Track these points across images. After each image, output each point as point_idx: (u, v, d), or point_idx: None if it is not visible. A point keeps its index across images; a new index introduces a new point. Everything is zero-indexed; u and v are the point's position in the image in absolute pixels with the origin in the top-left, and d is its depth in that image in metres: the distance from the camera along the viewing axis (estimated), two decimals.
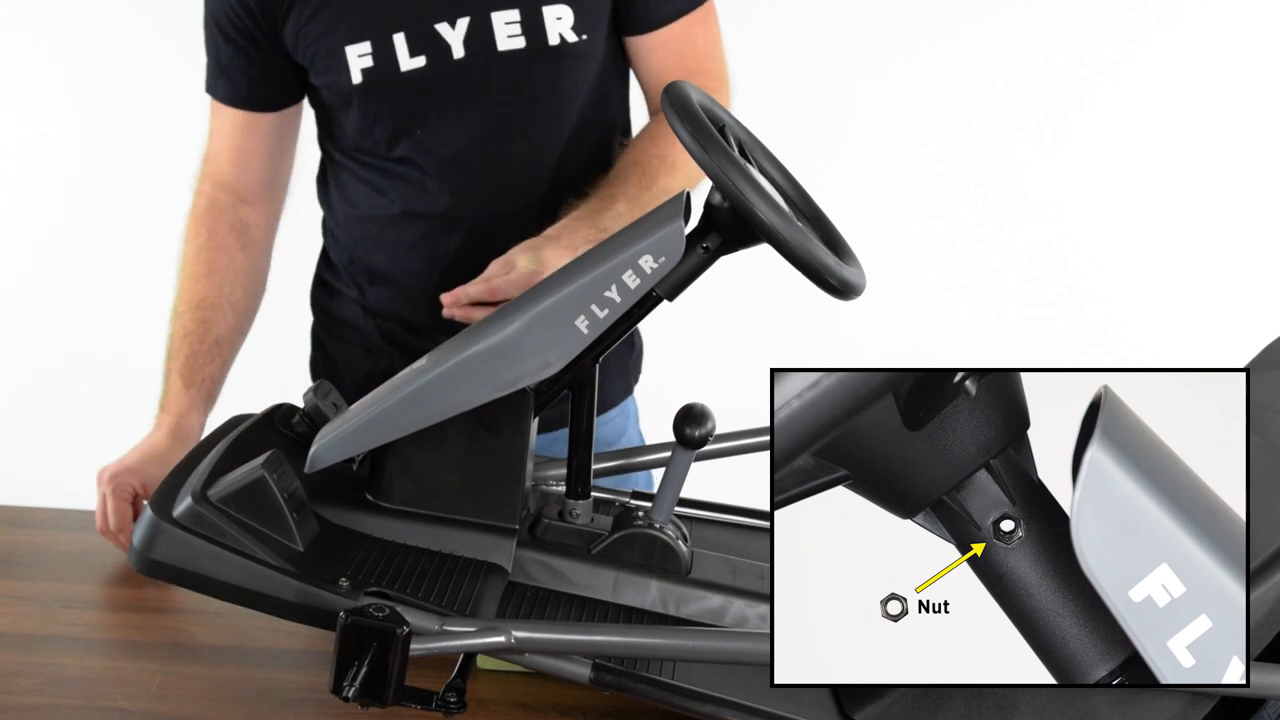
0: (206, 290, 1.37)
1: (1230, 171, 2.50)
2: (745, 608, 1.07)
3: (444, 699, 0.96)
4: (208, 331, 1.36)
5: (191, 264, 1.39)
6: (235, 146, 1.39)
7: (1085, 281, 2.57)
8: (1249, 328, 1.53)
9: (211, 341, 1.36)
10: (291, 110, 1.40)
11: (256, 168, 1.40)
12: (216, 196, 1.40)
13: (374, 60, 1.28)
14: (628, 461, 1.24)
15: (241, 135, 1.38)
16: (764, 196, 0.95)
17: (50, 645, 1.19)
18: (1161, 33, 2.44)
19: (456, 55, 1.28)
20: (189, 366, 1.36)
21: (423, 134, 1.32)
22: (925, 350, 2.48)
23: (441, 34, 1.27)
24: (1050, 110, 2.48)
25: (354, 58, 1.28)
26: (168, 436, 1.32)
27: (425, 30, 1.26)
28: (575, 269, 1.02)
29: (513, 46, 1.28)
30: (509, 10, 1.27)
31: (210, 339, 1.36)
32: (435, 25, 1.26)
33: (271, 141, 1.39)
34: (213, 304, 1.37)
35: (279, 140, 1.40)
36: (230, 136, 1.38)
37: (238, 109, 1.37)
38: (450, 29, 1.26)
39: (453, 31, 1.26)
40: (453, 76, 1.29)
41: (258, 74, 1.34)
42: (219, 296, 1.37)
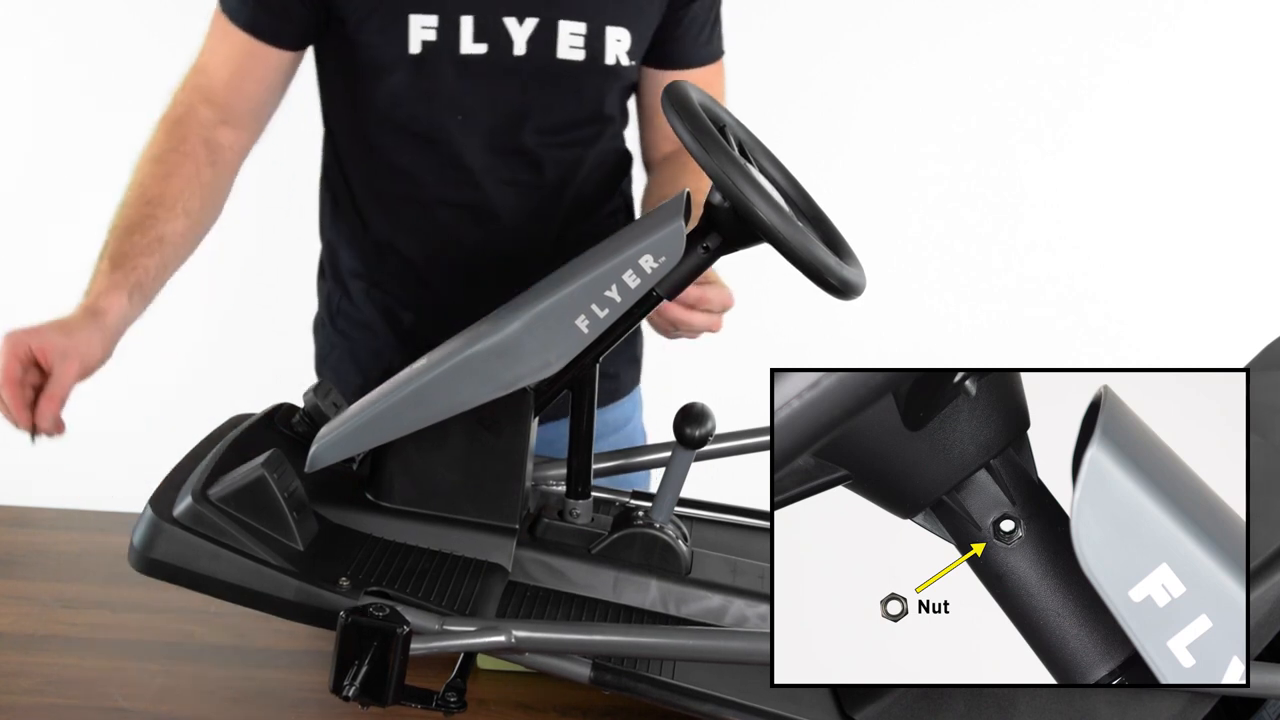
0: (164, 190, 1.28)
1: (1230, 171, 2.50)
2: (745, 607, 1.07)
3: (444, 698, 0.96)
4: (152, 227, 1.26)
5: (151, 163, 1.30)
6: (236, 70, 1.32)
7: (1085, 281, 2.57)
8: (1249, 328, 1.53)
9: (154, 237, 1.26)
10: (300, 55, 1.36)
11: (250, 95, 1.34)
12: (198, 109, 1.33)
13: (437, 35, 1.27)
14: (628, 461, 1.24)
15: (246, 61, 1.32)
16: (764, 196, 0.95)
17: (50, 645, 1.19)
18: (1161, 33, 2.44)
19: (517, 51, 1.28)
20: (122, 251, 1.25)
21: (464, 119, 1.32)
22: (925, 350, 2.48)
23: (508, 27, 1.28)
24: (1050, 110, 2.48)
25: (416, 27, 1.27)
26: (80, 312, 1.22)
27: (493, 20, 1.27)
28: (575, 269, 1.02)
29: (572, 57, 1.30)
30: (577, 23, 1.29)
31: (153, 234, 1.26)
32: (504, 18, 1.27)
33: (274, 77, 1.34)
34: (167, 204, 1.27)
35: (281, 79, 1.35)
36: (232, 59, 1.32)
37: (252, 36, 1.31)
38: (518, 25, 1.27)
39: (519, 28, 1.28)
40: (509, 70, 1.29)
41: (284, 7, 1.30)
42: (174, 199, 1.28)
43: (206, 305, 2.34)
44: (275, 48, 1.31)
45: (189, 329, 2.37)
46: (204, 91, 1.33)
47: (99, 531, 1.39)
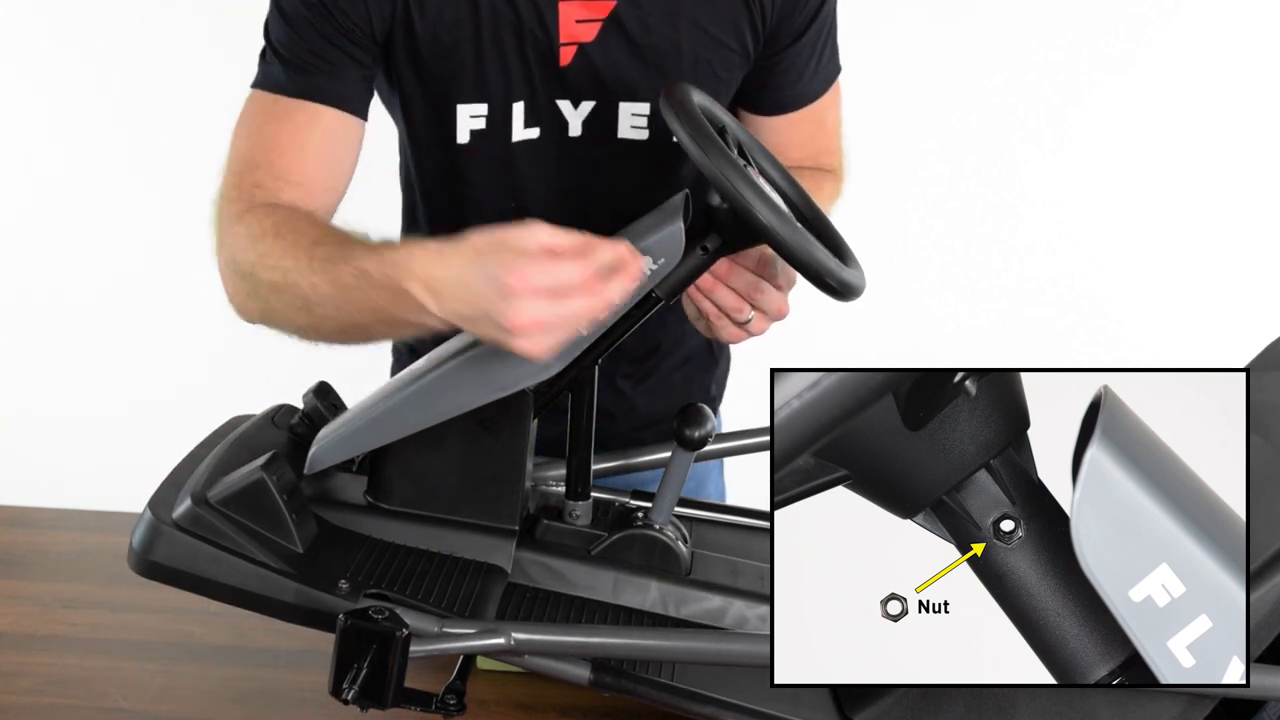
0: (316, 224, 1.05)
1: (1230, 171, 2.50)
2: (745, 608, 1.07)
3: (444, 700, 0.96)
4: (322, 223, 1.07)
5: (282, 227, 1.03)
6: (328, 151, 1.12)
7: (1085, 281, 2.57)
8: (1249, 328, 1.53)
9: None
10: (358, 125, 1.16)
11: (339, 185, 1.13)
12: (281, 196, 1.10)
13: (486, 124, 1.17)
14: (628, 462, 1.24)
15: (338, 139, 1.12)
16: (763, 198, 0.95)
17: (50, 645, 1.19)
18: (1162, 31, 2.44)
19: (573, 133, 1.19)
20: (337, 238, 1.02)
21: (516, 205, 1.22)
22: (925, 350, 2.48)
23: (562, 110, 1.18)
24: (1050, 109, 2.48)
25: (465, 117, 1.17)
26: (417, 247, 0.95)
27: (546, 104, 1.17)
28: None
29: (635, 136, 1.19)
30: (640, 104, 1.18)
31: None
32: (557, 101, 1.17)
33: (356, 154, 1.15)
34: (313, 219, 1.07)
35: (352, 149, 1.15)
36: (326, 138, 1.11)
37: (341, 110, 1.12)
38: (572, 109, 1.17)
39: (574, 111, 1.18)
40: (564, 152, 1.20)
41: (361, 75, 1.14)
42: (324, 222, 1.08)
43: (207, 306, 2.34)
44: (362, 119, 1.14)
45: (189, 329, 2.37)
46: (270, 183, 1.09)
47: (99, 531, 1.39)
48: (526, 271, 0.85)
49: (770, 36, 1.20)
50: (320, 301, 0.97)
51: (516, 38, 1.13)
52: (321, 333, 1.02)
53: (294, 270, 0.98)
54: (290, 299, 0.99)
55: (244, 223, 1.03)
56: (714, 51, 1.17)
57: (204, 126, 2.16)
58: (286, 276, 0.98)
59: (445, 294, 0.90)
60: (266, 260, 1.00)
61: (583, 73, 1.15)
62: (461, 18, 1.12)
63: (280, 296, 1.00)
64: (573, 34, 1.13)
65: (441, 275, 0.90)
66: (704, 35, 1.16)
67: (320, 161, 1.11)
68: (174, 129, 2.44)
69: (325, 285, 0.96)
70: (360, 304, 0.95)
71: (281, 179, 1.08)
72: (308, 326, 1.01)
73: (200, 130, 2.40)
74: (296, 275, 0.98)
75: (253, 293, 1.03)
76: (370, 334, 1.01)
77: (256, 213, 1.04)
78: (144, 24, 2.43)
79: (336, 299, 0.96)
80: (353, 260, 0.95)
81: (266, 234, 1.01)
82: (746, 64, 1.21)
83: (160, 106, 2.45)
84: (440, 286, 0.90)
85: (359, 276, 0.94)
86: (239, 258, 1.03)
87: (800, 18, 1.20)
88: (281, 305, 1.00)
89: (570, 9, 1.12)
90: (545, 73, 1.15)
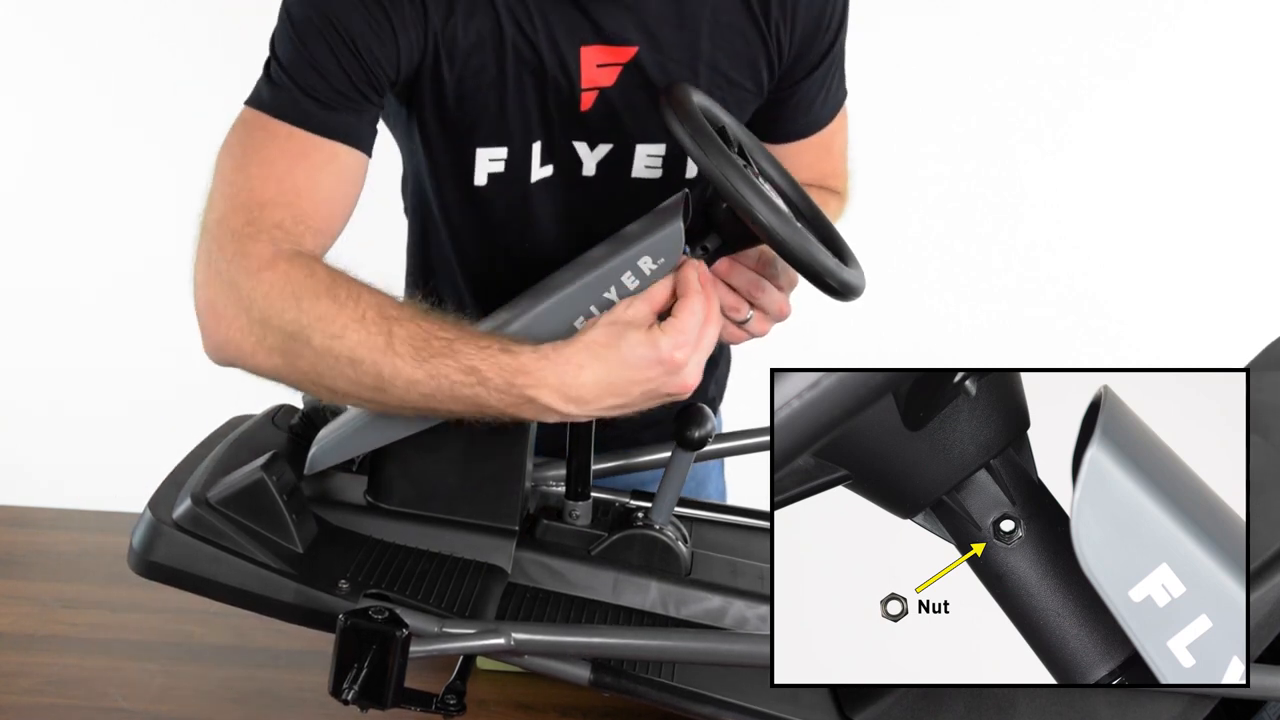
0: (373, 291, 0.99)
1: (1230, 171, 2.50)
2: (745, 608, 1.07)
3: (444, 701, 0.96)
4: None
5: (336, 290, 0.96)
6: (341, 193, 1.07)
7: (1085, 281, 2.57)
8: (1249, 328, 1.53)
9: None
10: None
11: (343, 228, 1.08)
12: (304, 242, 1.03)
13: (505, 167, 1.16)
14: (628, 462, 1.24)
15: (350, 178, 1.07)
16: (763, 198, 0.95)
17: (50, 645, 1.19)
18: (1162, 33, 2.44)
19: (586, 173, 1.18)
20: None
21: (530, 246, 1.21)
22: (925, 350, 2.48)
23: (577, 150, 1.16)
24: (1050, 110, 2.48)
25: (484, 160, 1.15)
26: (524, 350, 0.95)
27: (563, 144, 1.16)
28: (574, 270, 1.02)
29: (648, 176, 1.19)
30: (656, 145, 1.17)
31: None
32: (574, 142, 1.16)
33: (355, 186, 1.10)
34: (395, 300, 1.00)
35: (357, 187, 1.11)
36: (340, 178, 1.06)
37: (358, 150, 1.07)
38: (589, 150, 1.16)
39: (590, 153, 1.17)
40: (577, 191, 1.19)
41: (375, 115, 1.09)
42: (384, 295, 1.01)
43: None
44: (368, 155, 1.09)
45: (190, 329, 2.37)
46: (291, 226, 1.02)
47: (99, 531, 1.39)
48: (679, 340, 0.94)
49: (785, 72, 1.19)
50: (404, 388, 0.94)
51: (538, 82, 1.11)
52: (384, 407, 0.98)
53: (365, 346, 0.93)
54: (357, 374, 0.94)
55: (276, 271, 0.96)
56: (729, 91, 1.17)
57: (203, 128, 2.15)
58: (356, 351, 0.94)
59: (589, 398, 0.94)
60: (325, 326, 0.94)
61: (602, 117, 1.14)
62: (487, 63, 1.10)
63: (341, 367, 0.94)
64: (594, 79, 1.12)
65: (583, 382, 0.93)
66: (721, 77, 1.16)
67: (335, 206, 1.06)
68: (174, 131, 2.44)
69: (417, 374, 0.93)
70: (464, 399, 0.94)
71: (303, 223, 1.01)
72: (369, 400, 0.97)
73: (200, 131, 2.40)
74: (372, 354, 0.93)
75: (289, 351, 0.96)
76: (447, 415, 0.98)
77: (295, 264, 0.97)
78: (147, 24, 2.43)
79: (429, 389, 0.94)
80: (459, 357, 0.93)
81: (319, 294, 0.95)
82: (760, 100, 1.21)
83: (157, 108, 2.45)
84: (582, 393, 0.93)
85: (469, 374, 0.93)
86: (272, 310, 0.96)
87: (815, 53, 1.20)
88: (338, 376, 0.95)
89: (592, 54, 1.11)
90: (565, 117, 1.14)
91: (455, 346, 0.94)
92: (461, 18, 1.07)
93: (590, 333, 0.95)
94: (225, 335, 0.98)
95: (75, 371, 2.59)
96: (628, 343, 0.94)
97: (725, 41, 1.15)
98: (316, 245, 1.02)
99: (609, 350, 0.94)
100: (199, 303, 1.00)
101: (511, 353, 0.94)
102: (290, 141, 1.04)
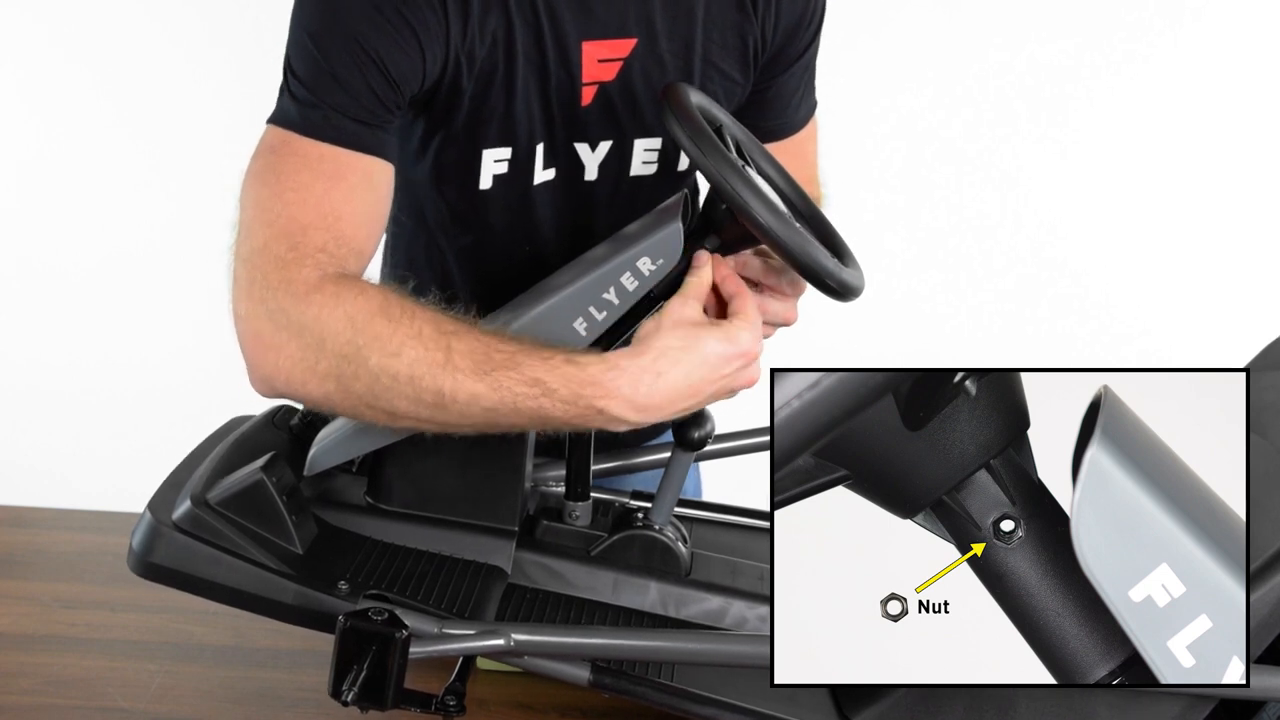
0: (424, 309, 0.97)
1: (1231, 172, 2.50)
2: (745, 609, 1.07)
3: (443, 701, 0.96)
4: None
5: (390, 309, 0.95)
6: (378, 211, 1.05)
7: (1085, 281, 2.57)
8: (1249, 328, 1.53)
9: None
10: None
11: (378, 227, 1.06)
12: (348, 265, 1.01)
13: (509, 168, 1.15)
14: (628, 462, 1.24)
15: (384, 194, 1.06)
16: (762, 198, 0.95)
17: (50, 645, 1.19)
18: (1162, 34, 2.44)
19: (588, 176, 1.18)
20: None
21: (531, 248, 1.20)
22: (925, 350, 2.48)
23: (579, 153, 1.16)
24: (1051, 110, 2.48)
25: (489, 162, 1.14)
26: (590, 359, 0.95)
27: (564, 145, 1.15)
28: (574, 271, 1.02)
29: (644, 172, 1.19)
30: (653, 139, 1.17)
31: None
32: (575, 144, 1.15)
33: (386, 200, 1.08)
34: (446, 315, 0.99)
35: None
36: (375, 195, 1.04)
37: (389, 164, 1.05)
38: (590, 151, 1.16)
39: (591, 154, 1.16)
40: (577, 193, 1.19)
41: (396, 127, 1.07)
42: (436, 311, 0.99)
43: (208, 306, 2.34)
44: (388, 163, 1.06)
45: (190, 329, 2.37)
46: (335, 249, 0.99)
47: (99, 532, 1.39)
48: (754, 332, 0.96)
49: (765, 65, 1.20)
50: (466, 402, 0.92)
51: (541, 79, 1.11)
52: (444, 426, 0.96)
53: (424, 363, 0.92)
54: (417, 392, 0.92)
55: (325, 294, 0.94)
56: (721, 85, 1.18)
57: (202, 128, 2.17)
58: (415, 369, 0.92)
59: (662, 405, 0.93)
60: (382, 345, 0.92)
61: (602, 112, 1.14)
62: (498, 63, 1.10)
63: (400, 386, 0.92)
64: (594, 74, 1.12)
65: (660, 389, 0.93)
66: (714, 69, 1.16)
67: (372, 225, 1.04)
68: (174, 131, 2.45)
69: (479, 387, 0.92)
70: (527, 412, 0.93)
71: (345, 246, 0.99)
72: (428, 420, 0.95)
73: (199, 132, 2.41)
74: (431, 370, 0.92)
75: (343, 374, 0.93)
76: (506, 429, 0.96)
77: (344, 285, 0.95)
78: (150, 25, 2.43)
79: (491, 402, 0.92)
80: (522, 369, 0.92)
81: (373, 314, 0.93)
82: (744, 95, 1.21)
83: (152, 112, 2.45)
84: (655, 400, 0.93)
85: (534, 385, 0.92)
86: (326, 333, 0.93)
87: (795, 48, 1.21)
88: (396, 396, 0.93)
89: (593, 49, 1.11)
90: (566, 113, 1.14)
91: (517, 359, 0.92)
92: (477, 23, 1.06)
93: (658, 339, 0.94)
94: (275, 365, 0.96)
95: (75, 372, 2.59)
96: (705, 341, 0.94)
97: (717, 32, 1.15)
98: (357, 267, 1.01)
99: (687, 353, 0.93)
100: (244, 335, 0.97)
101: (578, 364, 0.93)
102: (324, 163, 1.01)
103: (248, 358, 0.98)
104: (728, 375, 0.95)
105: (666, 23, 1.12)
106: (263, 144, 1.04)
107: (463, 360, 0.92)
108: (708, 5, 1.14)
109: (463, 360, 0.92)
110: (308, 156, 1.01)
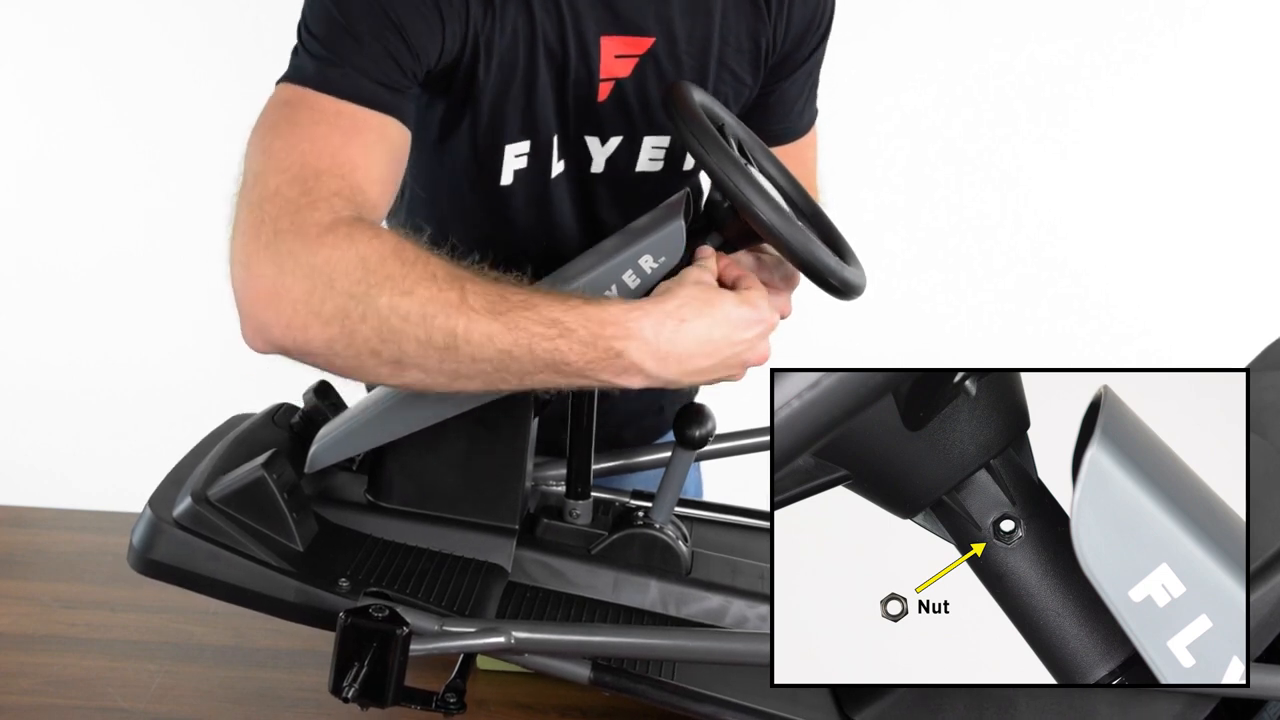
0: (438, 255, 0.94)
1: (1231, 172, 2.50)
2: (745, 608, 1.07)
3: (444, 699, 0.96)
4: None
5: (403, 251, 0.90)
6: (393, 172, 1.02)
7: (1085, 281, 2.57)
8: (1249, 328, 1.53)
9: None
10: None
11: (392, 198, 1.03)
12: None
13: (529, 162, 1.15)
14: (628, 461, 1.24)
15: (399, 157, 1.03)
16: (764, 195, 0.95)
17: (50, 645, 1.19)
18: (1162, 33, 2.44)
19: (595, 169, 1.18)
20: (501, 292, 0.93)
21: (548, 242, 1.20)
22: (925, 350, 2.48)
23: (588, 146, 1.16)
24: (1051, 111, 2.48)
25: (510, 157, 1.14)
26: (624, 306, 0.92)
27: (575, 138, 1.16)
28: (575, 269, 1.02)
29: (651, 169, 1.19)
30: (661, 137, 1.17)
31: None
32: (586, 137, 1.16)
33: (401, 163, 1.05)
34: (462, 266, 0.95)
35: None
36: (391, 155, 1.01)
37: (405, 126, 1.02)
38: (600, 145, 1.16)
39: (601, 148, 1.17)
40: (583, 186, 1.19)
41: (413, 95, 1.05)
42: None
43: (208, 305, 2.35)
44: (404, 126, 1.03)
45: (190, 328, 2.37)
46: (350, 195, 0.95)
47: (99, 531, 1.39)
48: (769, 304, 0.97)
49: (773, 69, 1.21)
50: (479, 343, 0.88)
51: (559, 73, 1.11)
52: (451, 375, 0.90)
53: (437, 302, 0.87)
54: (428, 332, 0.88)
55: (338, 234, 0.89)
56: (732, 87, 1.18)
57: (202, 130, 2.17)
58: (427, 308, 0.87)
59: (682, 356, 0.91)
60: (394, 285, 0.87)
61: (615, 108, 1.14)
62: (519, 57, 1.09)
63: (409, 327, 0.88)
64: (611, 70, 1.12)
65: (683, 337, 0.90)
66: (728, 72, 1.17)
67: (386, 185, 1.00)
68: (174, 131, 2.45)
69: (493, 326, 0.87)
70: (542, 356, 0.88)
71: (360, 196, 0.94)
72: (435, 367, 0.90)
73: (199, 132, 2.40)
74: (445, 309, 0.87)
75: (350, 315, 0.88)
76: (516, 385, 0.92)
77: (358, 226, 0.90)
78: (150, 25, 2.43)
79: (505, 343, 0.88)
80: (538, 310, 0.88)
81: (386, 256, 0.88)
82: (751, 97, 1.22)
83: (152, 112, 2.45)
84: (676, 349, 0.90)
85: (551, 325, 0.88)
86: (335, 271, 0.88)
87: (803, 52, 1.21)
88: (405, 337, 0.88)
89: (611, 44, 1.11)
90: (581, 108, 1.14)
91: (533, 301, 0.89)
92: (499, 13, 1.06)
93: (681, 290, 0.92)
94: (275, 313, 0.89)
95: (75, 372, 2.59)
96: (726, 301, 0.94)
97: (733, 35, 1.15)
98: (371, 220, 0.95)
99: (710, 307, 0.92)
100: (244, 282, 0.90)
101: (598, 304, 0.89)
102: (340, 118, 0.97)
103: (244, 307, 0.91)
104: (746, 341, 0.94)
105: (685, 24, 1.13)
106: (274, 99, 1.00)
107: (477, 300, 0.88)
108: (724, 7, 1.14)
109: (477, 300, 0.88)
110: (325, 111, 0.97)
